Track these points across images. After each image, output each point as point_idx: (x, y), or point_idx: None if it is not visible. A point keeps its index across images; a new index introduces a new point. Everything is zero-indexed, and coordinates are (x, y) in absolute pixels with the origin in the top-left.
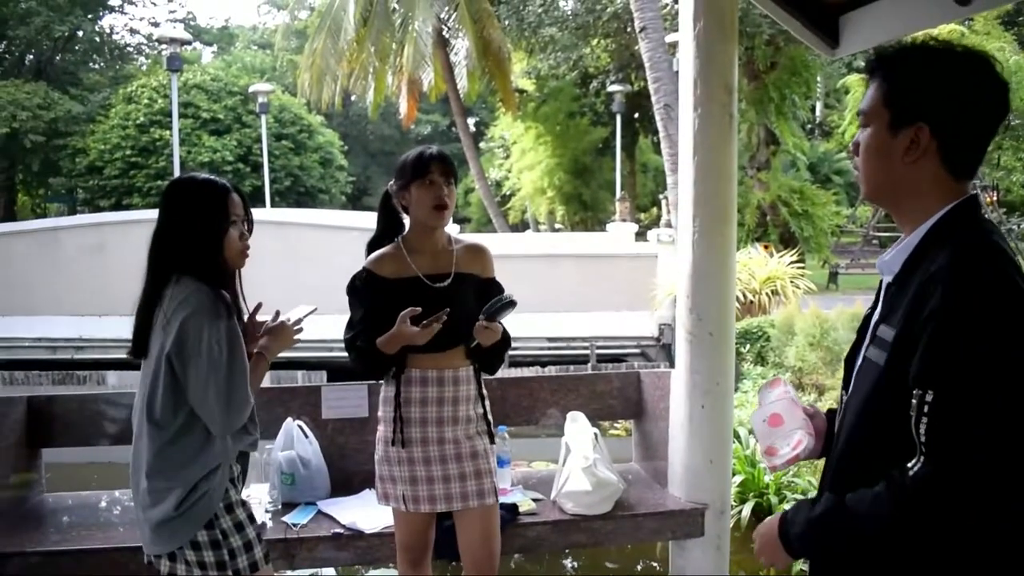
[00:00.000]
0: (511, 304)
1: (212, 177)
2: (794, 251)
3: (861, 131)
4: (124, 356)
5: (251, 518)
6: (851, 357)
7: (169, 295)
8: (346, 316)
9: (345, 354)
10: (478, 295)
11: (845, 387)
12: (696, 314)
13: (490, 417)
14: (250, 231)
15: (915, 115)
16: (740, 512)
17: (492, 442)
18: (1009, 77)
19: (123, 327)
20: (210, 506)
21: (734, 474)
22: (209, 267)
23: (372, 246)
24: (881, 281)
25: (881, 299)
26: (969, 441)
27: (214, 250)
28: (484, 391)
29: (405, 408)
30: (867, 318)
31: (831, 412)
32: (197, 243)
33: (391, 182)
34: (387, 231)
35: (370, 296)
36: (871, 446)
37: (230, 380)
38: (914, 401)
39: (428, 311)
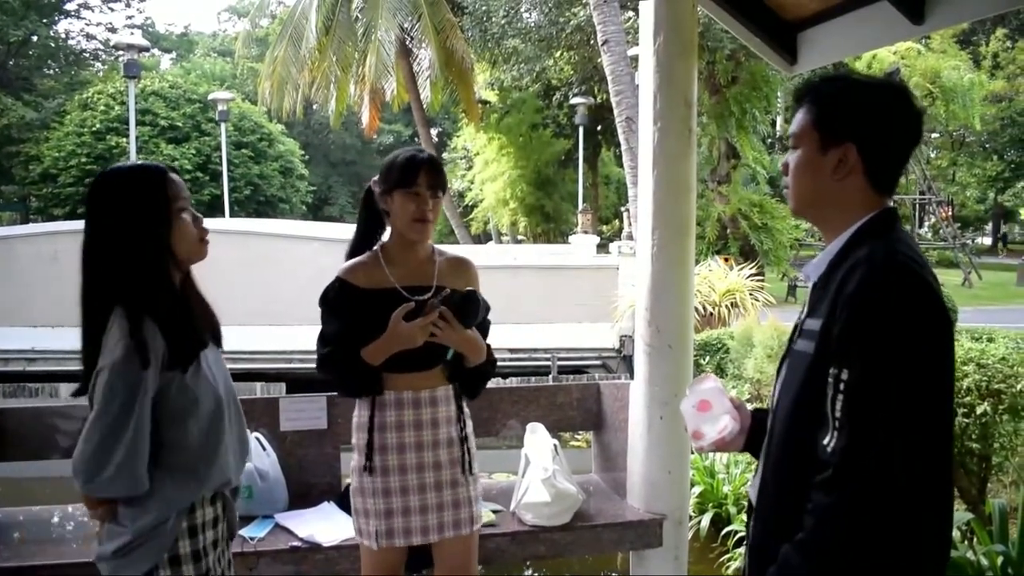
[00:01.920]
0: (474, 298)
1: (142, 163)
2: (754, 264)
3: (791, 152)
4: (78, 368)
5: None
6: (784, 358)
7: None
8: (307, 327)
9: (305, 366)
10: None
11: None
12: (655, 326)
13: (471, 443)
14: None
15: (844, 136)
16: (699, 522)
17: (471, 472)
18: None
19: (77, 338)
20: (150, 555)
21: (693, 485)
22: (152, 296)
23: (353, 250)
24: (789, 288)
25: (807, 299)
26: (879, 417)
27: (157, 266)
28: (465, 412)
29: (380, 434)
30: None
31: (759, 411)
32: (136, 258)
33: (374, 178)
34: (368, 233)
35: (344, 308)
36: (806, 432)
37: (105, 436)
38: (830, 380)
39: None
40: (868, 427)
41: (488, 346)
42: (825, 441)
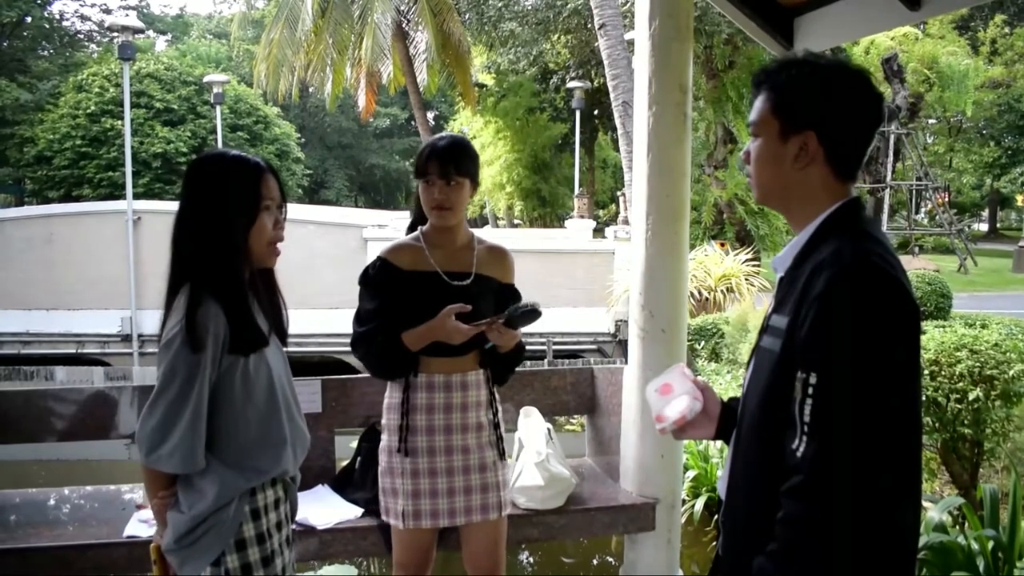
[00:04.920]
0: (535, 313)
1: (244, 155)
2: (749, 249)
3: (752, 141)
4: (73, 351)
5: (266, 560)
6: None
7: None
8: (301, 311)
9: (300, 349)
10: (496, 300)
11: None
12: (649, 311)
13: (502, 428)
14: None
15: (803, 123)
16: (693, 507)
17: (502, 457)
18: (962, 79)
19: (72, 322)
20: (216, 542)
21: (687, 469)
22: (218, 277)
23: (409, 230)
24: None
25: (775, 292)
26: (849, 424)
27: (231, 250)
28: (496, 397)
29: (411, 416)
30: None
31: (735, 400)
32: (214, 239)
33: None
34: (421, 218)
35: (385, 287)
36: (773, 433)
37: (167, 411)
38: (798, 384)
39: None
40: (837, 434)
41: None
42: (794, 446)
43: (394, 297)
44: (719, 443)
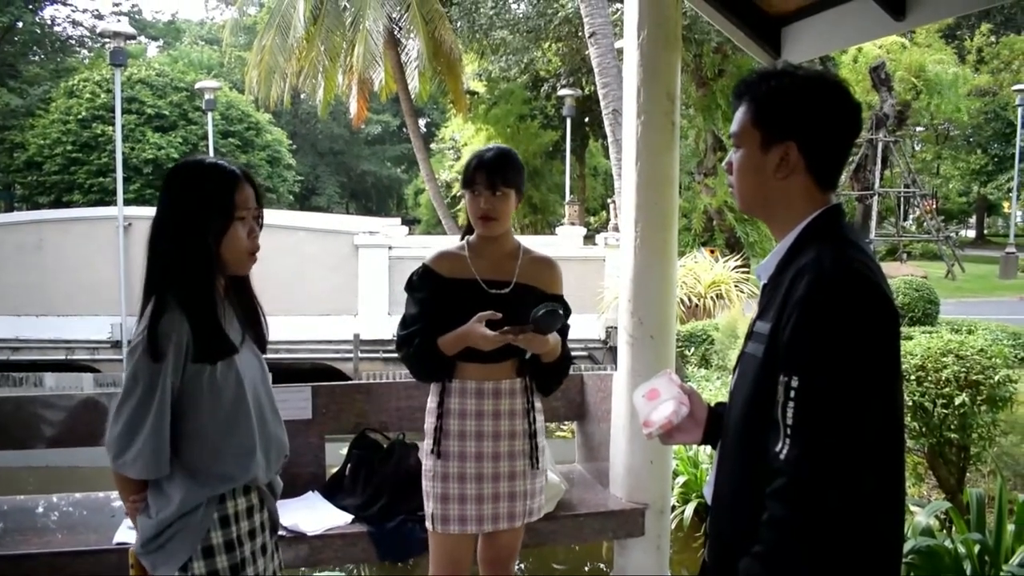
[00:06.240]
0: (556, 313)
1: (221, 162)
2: (739, 256)
3: (734, 151)
4: (62, 357)
5: (234, 569)
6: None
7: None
8: (292, 318)
9: (291, 356)
10: None
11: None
12: (637, 317)
13: (539, 438)
14: (260, 228)
15: (784, 133)
16: (682, 512)
17: (535, 465)
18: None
19: (62, 328)
20: (182, 547)
21: (677, 475)
22: (185, 285)
23: (463, 237)
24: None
25: (759, 299)
26: (831, 425)
27: (201, 259)
28: (537, 407)
29: (445, 419)
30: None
31: (722, 405)
32: (184, 247)
33: None
34: (470, 224)
35: (425, 293)
36: (757, 437)
37: (131, 418)
38: (780, 387)
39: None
40: (820, 436)
41: (564, 344)
42: (777, 448)
43: (434, 303)
44: (709, 449)
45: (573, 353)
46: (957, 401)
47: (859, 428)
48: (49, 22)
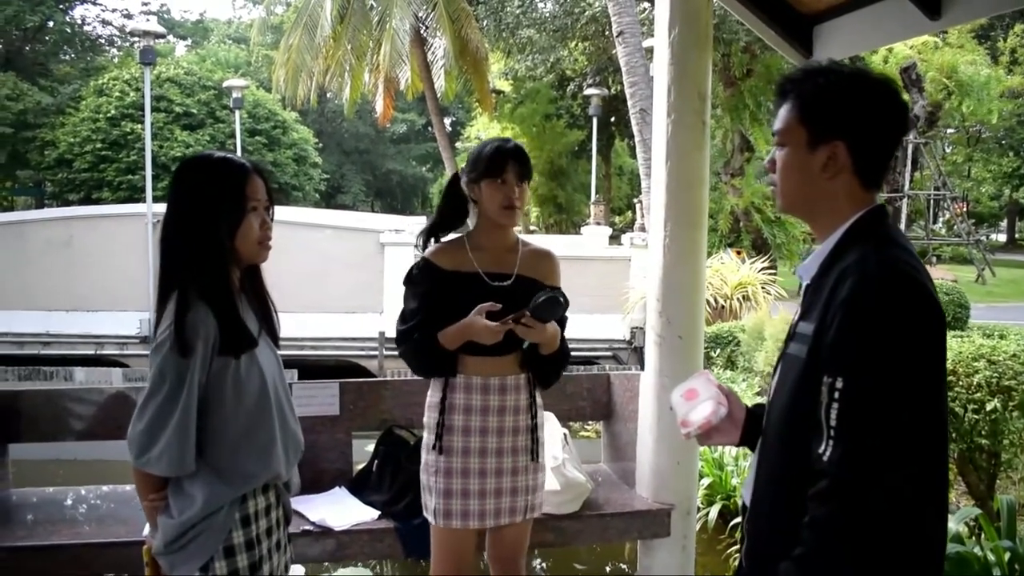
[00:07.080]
0: (556, 300)
1: (229, 156)
2: (766, 257)
3: (777, 149)
4: (91, 352)
5: (253, 567)
6: (779, 359)
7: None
8: (318, 314)
9: (317, 353)
10: None
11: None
12: (666, 317)
13: (540, 432)
14: (271, 219)
15: (833, 132)
16: (707, 514)
17: (535, 459)
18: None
19: (91, 323)
20: (205, 548)
21: (702, 476)
22: (206, 280)
23: (429, 232)
24: (801, 286)
25: (801, 300)
26: (875, 427)
27: (218, 253)
28: (539, 402)
29: (448, 415)
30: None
31: (759, 407)
32: (200, 242)
33: (462, 167)
34: (448, 218)
35: (426, 287)
36: (800, 438)
37: (156, 414)
38: (824, 388)
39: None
40: (864, 437)
41: (562, 337)
42: (820, 450)
43: (435, 297)
44: (734, 451)
45: (598, 353)
46: (988, 407)
47: (903, 430)
48: (79, 21)
